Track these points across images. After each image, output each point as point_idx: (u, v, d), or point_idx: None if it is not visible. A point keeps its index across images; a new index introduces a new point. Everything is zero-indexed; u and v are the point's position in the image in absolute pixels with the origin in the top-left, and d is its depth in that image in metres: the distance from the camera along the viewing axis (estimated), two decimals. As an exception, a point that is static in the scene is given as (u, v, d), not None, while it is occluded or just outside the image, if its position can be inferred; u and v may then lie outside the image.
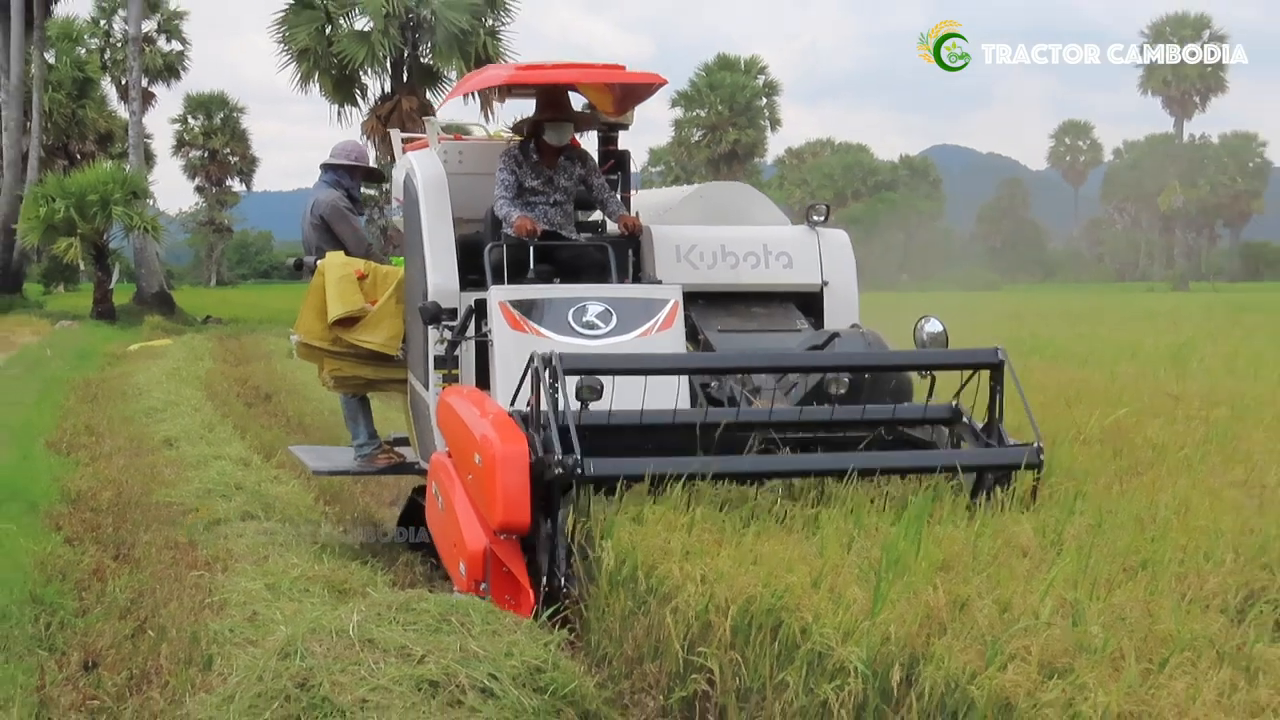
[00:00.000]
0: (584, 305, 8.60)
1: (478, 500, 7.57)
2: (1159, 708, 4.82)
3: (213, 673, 7.27)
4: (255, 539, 10.43)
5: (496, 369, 8.45)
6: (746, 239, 9.79)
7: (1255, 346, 23.88)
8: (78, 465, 14.88)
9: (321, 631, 7.02)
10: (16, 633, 8.22)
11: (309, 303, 9.71)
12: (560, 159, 9.37)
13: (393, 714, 6.24)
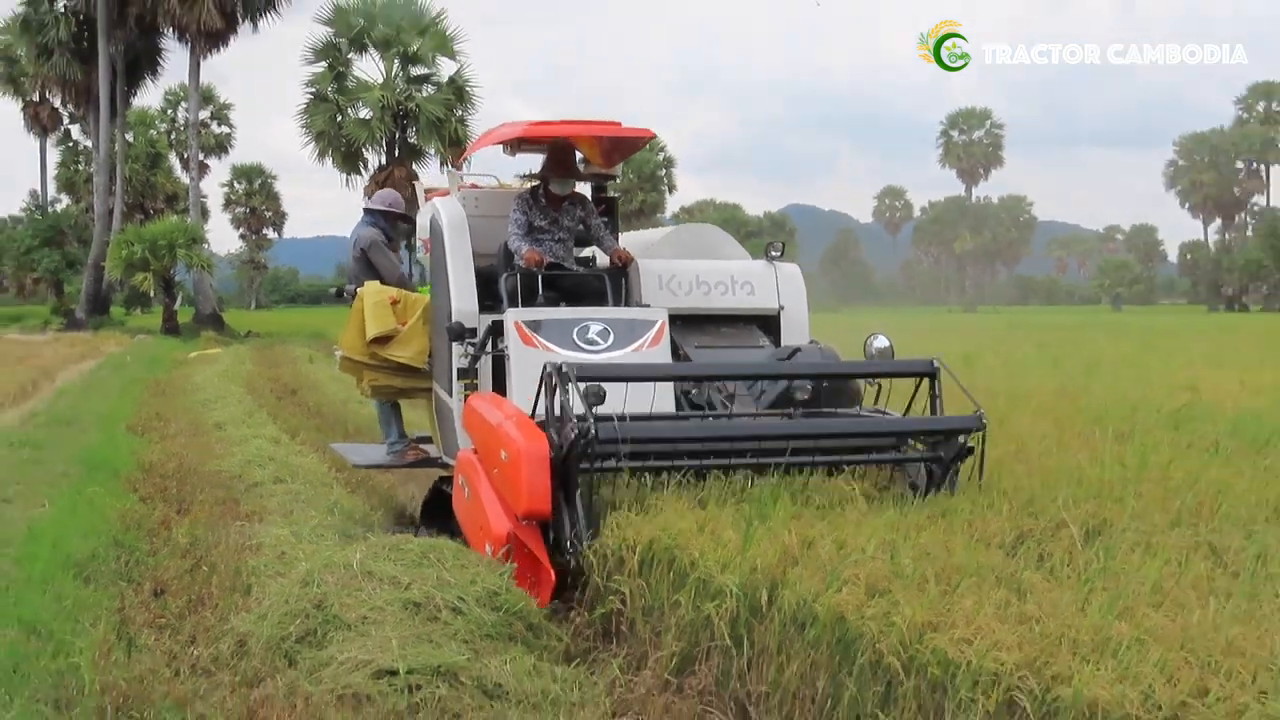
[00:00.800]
0: (586, 325, 8.12)
1: (503, 490, 6.99)
2: (952, 618, 4.86)
3: (251, 597, 7.23)
4: (283, 498, 10.37)
5: (512, 378, 7.97)
6: (716, 270, 9.35)
7: (1024, 353, 24.13)
8: (150, 443, 14.75)
9: (333, 566, 7.02)
10: (103, 568, 8.17)
11: (351, 324, 9.20)
12: (564, 204, 8.99)
13: (386, 627, 6.22)
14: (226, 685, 6.04)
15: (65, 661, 6.15)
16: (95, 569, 8.13)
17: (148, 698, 5.80)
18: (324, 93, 50.72)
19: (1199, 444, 8.98)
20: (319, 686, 5.82)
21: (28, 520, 9.46)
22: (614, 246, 9.21)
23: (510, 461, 6.67)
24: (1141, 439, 8.58)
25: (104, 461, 12.61)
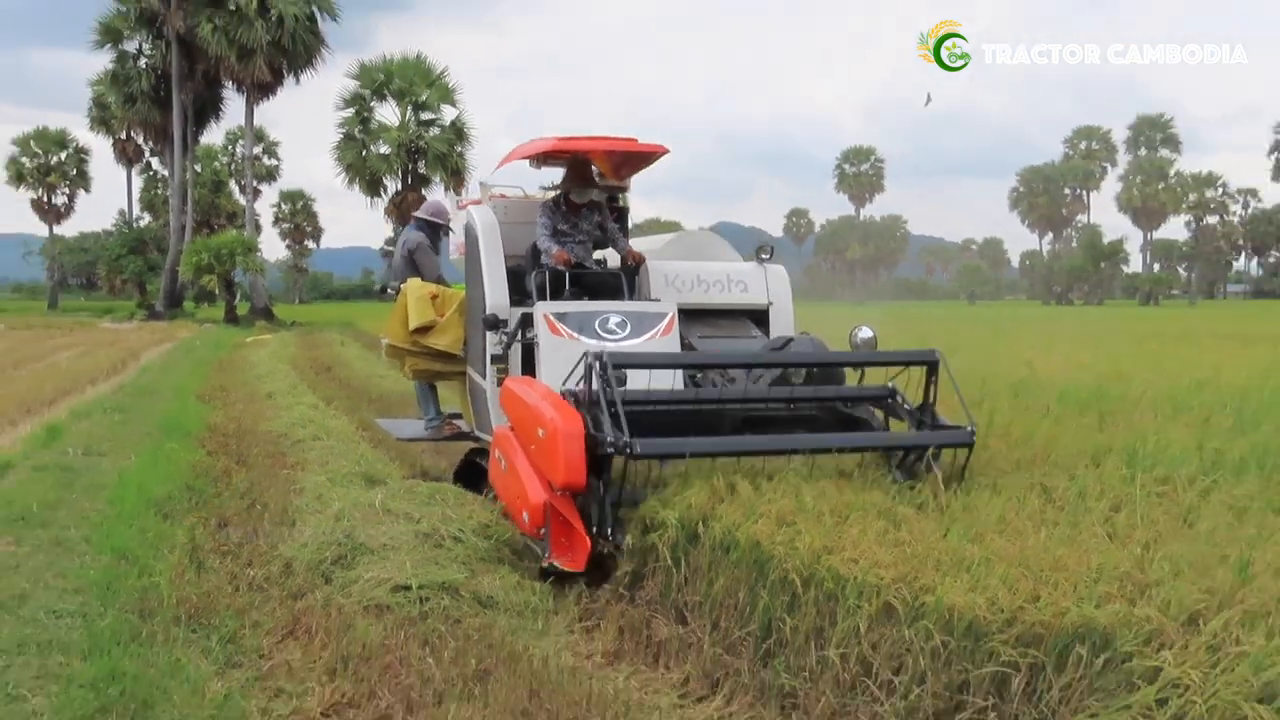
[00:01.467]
0: (606, 316, 7.44)
1: (540, 464, 6.19)
2: (843, 543, 4.89)
3: (295, 529, 7.22)
4: (320, 452, 10.32)
5: (542, 363, 7.24)
6: (714, 271, 8.62)
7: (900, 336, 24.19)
8: (214, 408, 14.65)
9: (359, 505, 7.04)
10: (178, 507, 8.12)
11: (395, 316, 8.50)
12: (583, 210, 8.27)
13: (401, 552, 6.26)
14: (276, 598, 6.05)
15: (148, 580, 6.13)
16: (172, 507, 8.08)
17: (213, 608, 5.79)
18: (352, 133, 50.57)
19: (1034, 407, 9.06)
20: (349, 599, 5.85)
21: (118, 469, 9.41)
22: (627, 248, 8.55)
23: (548, 438, 5.99)
24: (990, 404, 8.60)
25: (178, 423, 12.51)
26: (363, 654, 5.10)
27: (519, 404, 6.54)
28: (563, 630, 5.82)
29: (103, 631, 5.27)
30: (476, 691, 4.70)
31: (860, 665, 4.43)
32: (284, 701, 4.75)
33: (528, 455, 6.35)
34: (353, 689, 4.80)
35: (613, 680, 5.11)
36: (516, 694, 4.68)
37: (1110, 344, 21.17)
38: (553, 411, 6.04)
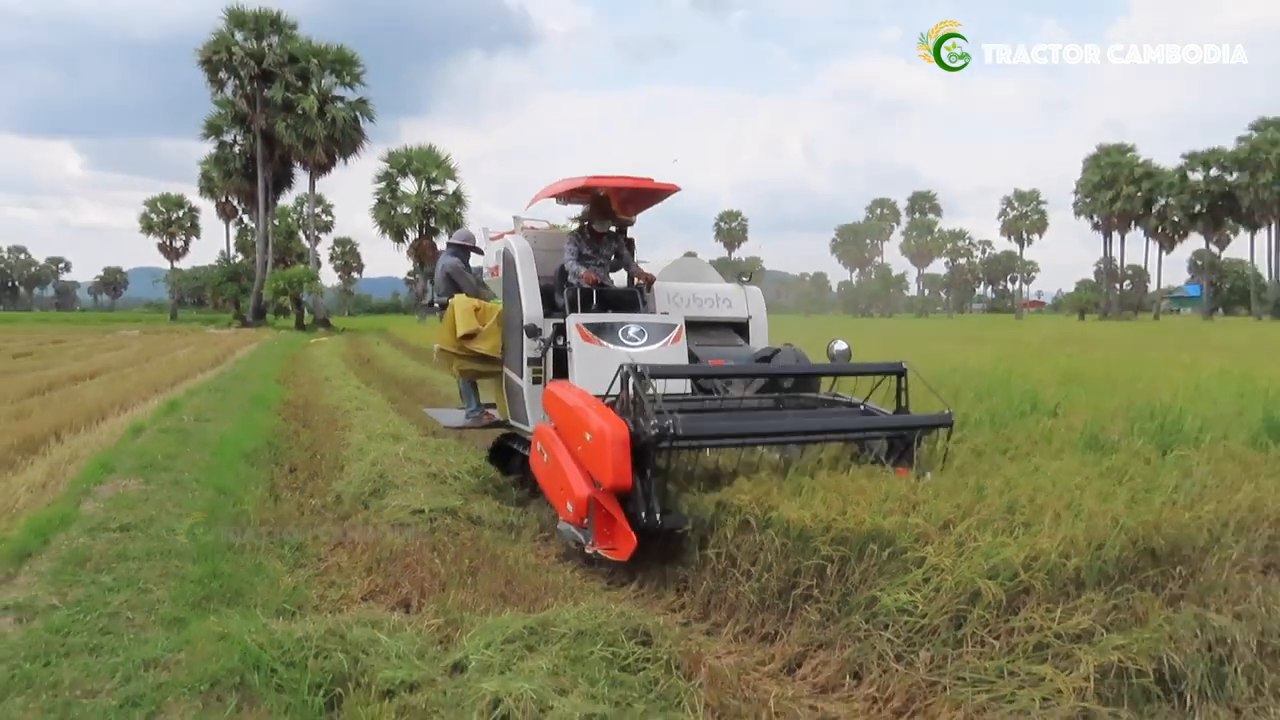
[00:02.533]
0: (627, 326, 6.42)
1: (588, 463, 4.90)
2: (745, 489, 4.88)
3: (343, 472, 7.09)
4: (362, 418, 10.13)
5: (575, 366, 6.21)
6: (706, 290, 7.55)
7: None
8: (287, 389, 14.32)
9: (389, 455, 6.91)
10: (261, 457, 7.94)
11: (445, 325, 7.27)
12: (604, 238, 7.19)
13: (417, 486, 6.17)
14: (330, 519, 5.93)
15: (239, 508, 5.98)
16: (257, 457, 7.89)
17: (286, 524, 5.68)
18: (384, 198, 50.09)
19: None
20: (380, 519, 5.74)
21: (219, 431, 9.14)
22: (640, 270, 7.42)
23: (596, 442, 4.78)
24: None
25: (262, 399, 12.22)
26: (390, 557, 5.02)
27: (563, 407, 5.29)
28: (528, 540, 5.78)
29: (208, 543, 5.14)
30: (469, 581, 4.65)
31: (729, 559, 4.46)
32: (335, 589, 4.67)
33: (573, 453, 5.10)
34: (383, 580, 4.74)
35: (563, 573, 5.09)
36: (496, 582, 4.64)
37: (894, 342, 21.49)
38: (600, 419, 4.85)
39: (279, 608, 4.21)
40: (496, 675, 3.31)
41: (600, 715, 2.99)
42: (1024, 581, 3.47)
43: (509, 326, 7.03)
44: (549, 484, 5.41)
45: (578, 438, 4.98)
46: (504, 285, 7.16)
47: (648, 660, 3.56)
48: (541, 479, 5.58)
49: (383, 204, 50.10)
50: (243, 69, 43.19)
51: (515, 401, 6.89)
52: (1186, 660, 3.16)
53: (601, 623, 3.75)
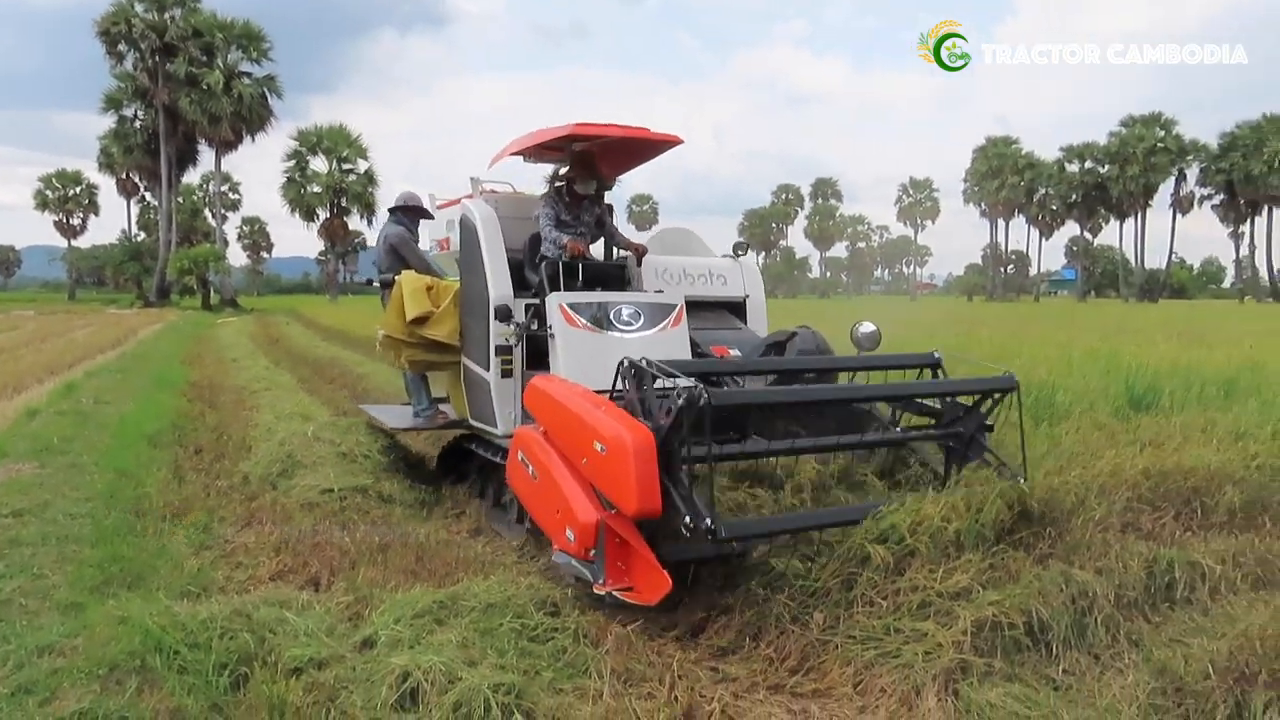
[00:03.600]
0: (620, 308, 5.29)
1: (599, 482, 3.71)
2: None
3: (251, 452, 6.85)
4: (270, 398, 9.80)
5: (559, 355, 5.09)
6: (697, 265, 6.35)
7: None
8: (193, 369, 13.74)
9: (298, 435, 6.68)
10: (165, 439, 7.61)
11: (391, 308, 6.09)
12: (585, 202, 5.95)
13: (327, 466, 6.00)
14: (236, 500, 5.73)
15: (141, 490, 5.75)
16: (160, 439, 7.56)
17: (190, 508, 5.46)
18: (294, 177, 48.42)
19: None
20: (289, 499, 5.58)
21: (120, 413, 8.73)
22: (627, 241, 6.19)
23: (613, 456, 3.57)
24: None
25: (166, 380, 11.71)
26: (299, 536, 4.89)
27: (559, 409, 4.04)
28: (440, 517, 5.70)
29: (107, 527, 4.92)
30: (379, 559, 4.57)
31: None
32: (242, 570, 4.52)
33: (573, 468, 3.90)
34: (292, 560, 4.61)
35: (474, 548, 5.05)
36: (407, 559, 4.58)
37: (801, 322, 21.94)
38: (617, 425, 3.62)
39: (183, 590, 4.06)
40: (406, 650, 3.28)
41: (509, 684, 2.99)
42: (909, 545, 3.61)
43: (469, 308, 5.84)
44: (537, 504, 4.15)
45: (582, 448, 3.78)
46: (462, 259, 5.96)
47: (556, 630, 3.58)
48: (525, 497, 4.33)
49: (292, 183, 48.40)
50: (143, 42, 40.91)
51: (478, 398, 5.73)
52: (1053, 613, 3.33)
53: (511, 595, 3.75)
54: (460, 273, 5.97)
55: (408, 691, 3.01)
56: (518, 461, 4.27)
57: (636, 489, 3.46)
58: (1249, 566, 4.27)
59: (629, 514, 3.53)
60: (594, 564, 3.68)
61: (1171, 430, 5.66)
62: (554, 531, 3.93)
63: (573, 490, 3.83)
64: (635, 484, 3.47)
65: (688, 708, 3.10)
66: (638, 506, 3.48)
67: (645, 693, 3.19)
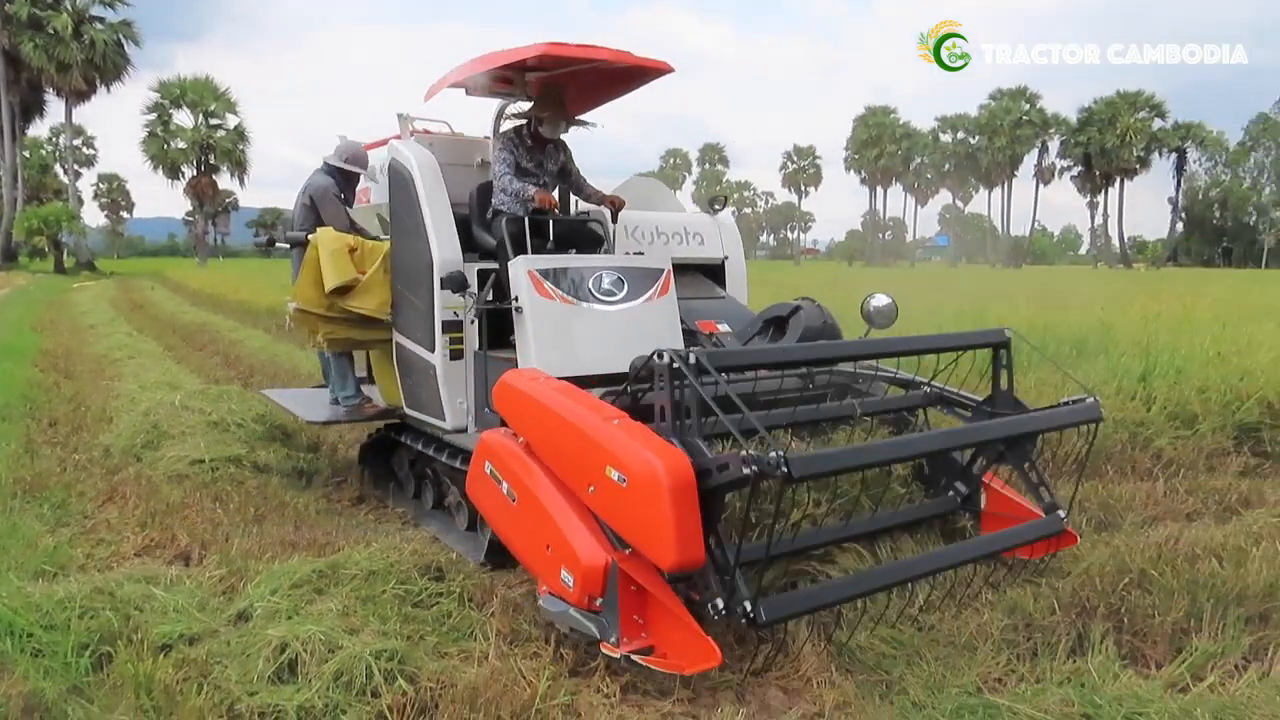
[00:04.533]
0: (600, 275, 4.31)
1: (613, 518, 2.87)
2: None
3: (113, 424, 6.45)
4: (134, 367, 9.26)
5: (529, 334, 4.09)
6: (671, 221, 5.36)
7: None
8: (46, 337, 12.80)
9: (164, 404, 6.35)
10: (15, 411, 7.09)
11: (305, 274, 4.96)
12: (548, 146, 4.88)
13: (197, 436, 5.73)
14: (97, 474, 5.41)
15: (-12, 466, 5.34)
16: (9, 412, 7.04)
17: (44, 484, 5.11)
18: (155, 131, 45.36)
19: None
20: (156, 471, 5.31)
21: (-39, 385, 8.08)
22: (597, 192, 5.08)
23: (638, 491, 2.70)
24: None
25: (15, 349, 10.86)
26: (167, 510, 4.67)
27: (548, 418, 3.13)
28: (320, 486, 5.55)
29: (-53, 507, 4.56)
30: (254, 530, 4.41)
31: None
32: (104, 547, 4.28)
33: (569, 494, 3.04)
34: (159, 534, 4.39)
35: (355, 516, 4.94)
36: (284, 529, 4.44)
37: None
38: (645, 451, 2.72)
39: (37, 570, 3.82)
40: (283, 621, 3.19)
41: (391, 650, 2.96)
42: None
43: (403, 275, 4.79)
44: (516, 532, 3.27)
45: (587, 472, 2.90)
46: (393, 215, 4.87)
47: (440, 595, 3.56)
48: (497, 520, 3.42)
49: (154, 137, 45.35)
50: (-24, -21, 37.33)
51: (417, 384, 4.77)
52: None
53: (394, 562, 3.70)
54: (390, 232, 4.93)
55: (286, 663, 2.93)
56: (484, 474, 3.35)
57: (676, 536, 2.55)
58: (1092, 511, 4.65)
59: (664, 567, 2.66)
60: (601, 617, 2.81)
61: (1028, 386, 6.02)
62: (542, 571, 3.04)
63: (570, 524, 2.92)
64: (674, 530, 2.56)
65: (574, 665, 3.14)
66: (677, 558, 2.58)
67: (531, 652, 3.21)
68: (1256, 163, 67.91)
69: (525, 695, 2.84)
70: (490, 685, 2.85)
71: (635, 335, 4.14)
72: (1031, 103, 68.17)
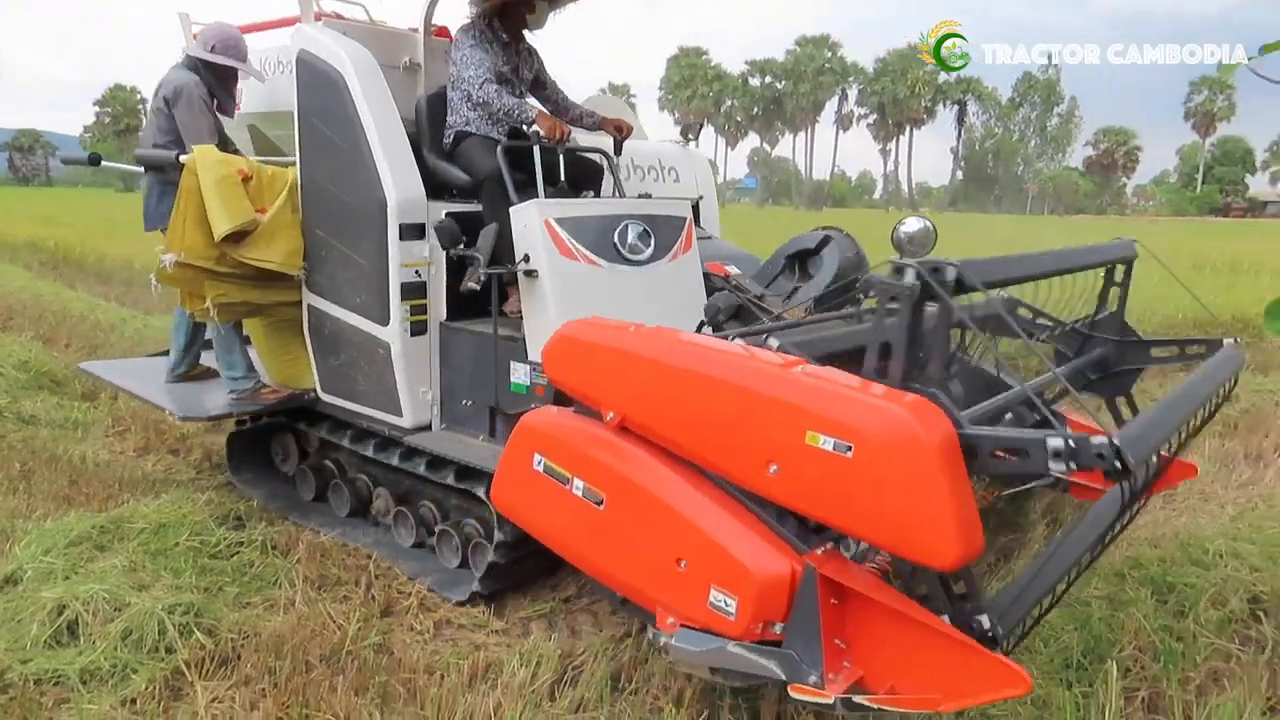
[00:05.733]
0: (626, 225, 3.22)
1: (820, 504, 1.80)
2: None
3: None
4: None
5: (550, 306, 2.97)
6: (644, 153, 4.52)
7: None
8: None
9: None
10: None
11: (184, 213, 3.42)
12: (521, 48, 3.72)
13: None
14: None
15: None
16: None
17: None
18: None
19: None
20: (-106, 427, 4.68)
21: None
22: (590, 112, 3.89)
23: (877, 460, 1.70)
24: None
25: None
26: (-91, 469, 4.15)
27: (675, 375, 2.10)
28: (100, 436, 5.10)
29: None
30: (21, 487, 4.01)
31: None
32: None
33: (711, 485, 2.08)
34: (-99, 498, 3.91)
35: (142, 466, 4.60)
36: (57, 484, 4.06)
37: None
38: (884, 403, 1.78)
39: None
40: (60, 582, 2.95)
41: (186, 604, 2.82)
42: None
43: (326, 216, 3.54)
44: (603, 549, 2.23)
45: (763, 446, 1.95)
46: (307, 131, 3.55)
47: (241, 544, 3.41)
48: (565, 537, 2.34)
49: None
50: None
51: (351, 366, 3.59)
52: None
53: (187, 513, 3.50)
54: (298, 154, 3.59)
55: (65, 625, 2.73)
56: (531, 473, 2.36)
57: (956, 517, 1.71)
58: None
59: (942, 563, 1.73)
60: (787, 649, 1.93)
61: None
62: (668, 596, 2.10)
63: (724, 524, 2.04)
64: (952, 508, 1.71)
65: (385, 605, 3.12)
66: (961, 549, 1.71)
67: (341, 596, 3.16)
68: (1024, 117, 74.65)
69: (335, 638, 2.80)
70: (297, 631, 2.79)
71: (663, 304, 3.22)
72: (833, 51, 71.36)
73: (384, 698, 2.54)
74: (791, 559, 1.96)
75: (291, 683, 2.55)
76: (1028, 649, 2.73)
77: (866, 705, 1.83)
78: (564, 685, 2.62)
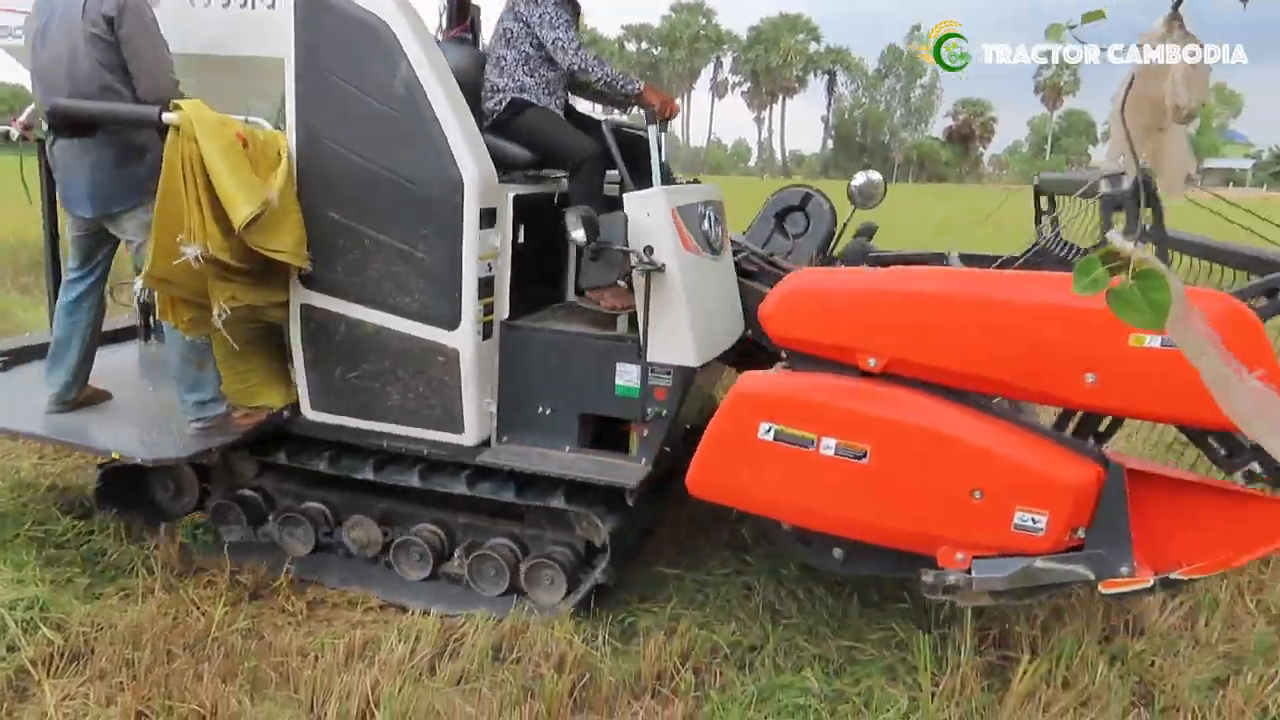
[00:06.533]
0: (703, 211, 2.87)
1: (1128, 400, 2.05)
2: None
3: None
4: None
5: (682, 305, 2.61)
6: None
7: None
8: None
9: None
10: None
11: (194, 193, 2.46)
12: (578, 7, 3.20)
13: None
14: None
15: None
16: None
17: None
18: None
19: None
20: None
21: None
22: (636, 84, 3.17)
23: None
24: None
25: None
26: None
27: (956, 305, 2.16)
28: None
29: None
30: None
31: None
32: None
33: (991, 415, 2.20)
34: None
35: None
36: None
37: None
38: (1206, 299, 1.96)
39: None
40: (-121, 582, 2.70)
41: (30, 598, 2.63)
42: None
43: (344, 197, 2.76)
44: (875, 506, 2.22)
45: (1078, 357, 2.05)
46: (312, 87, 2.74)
47: (91, 532, 3.20)
48: (818, 505, 2.28)
49: None
50: None
51: (383, 378, 2.88)
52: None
53: (27, 502, 3.26)
54: (295, 116, 2.78)
55: (-114, 630, 2.50)
56: (759, 446, 2.27)
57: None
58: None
59: None
60: (1095, 549, 2.08)
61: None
62: (964, 532, 2.14)
63: (1021, 443, 2.12)
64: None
65: (255, 588, 2.99)
66: None
67: (205, 581, 3.01)
68: (889, 88, 77.35)
69: (200, 626, 2.67)
70: (157, 620, 2.65)
71: (728, 294, 3.07)
72: (708, 17, 71.86)
73: (254, 683, 2.45)
74: (1095, 463, 2.11)
75: (152, 674, 2.42)
76: (899, 599, 2.89)
77: (1180, 579, 2.06)
78: (445, 658, 2.59)
